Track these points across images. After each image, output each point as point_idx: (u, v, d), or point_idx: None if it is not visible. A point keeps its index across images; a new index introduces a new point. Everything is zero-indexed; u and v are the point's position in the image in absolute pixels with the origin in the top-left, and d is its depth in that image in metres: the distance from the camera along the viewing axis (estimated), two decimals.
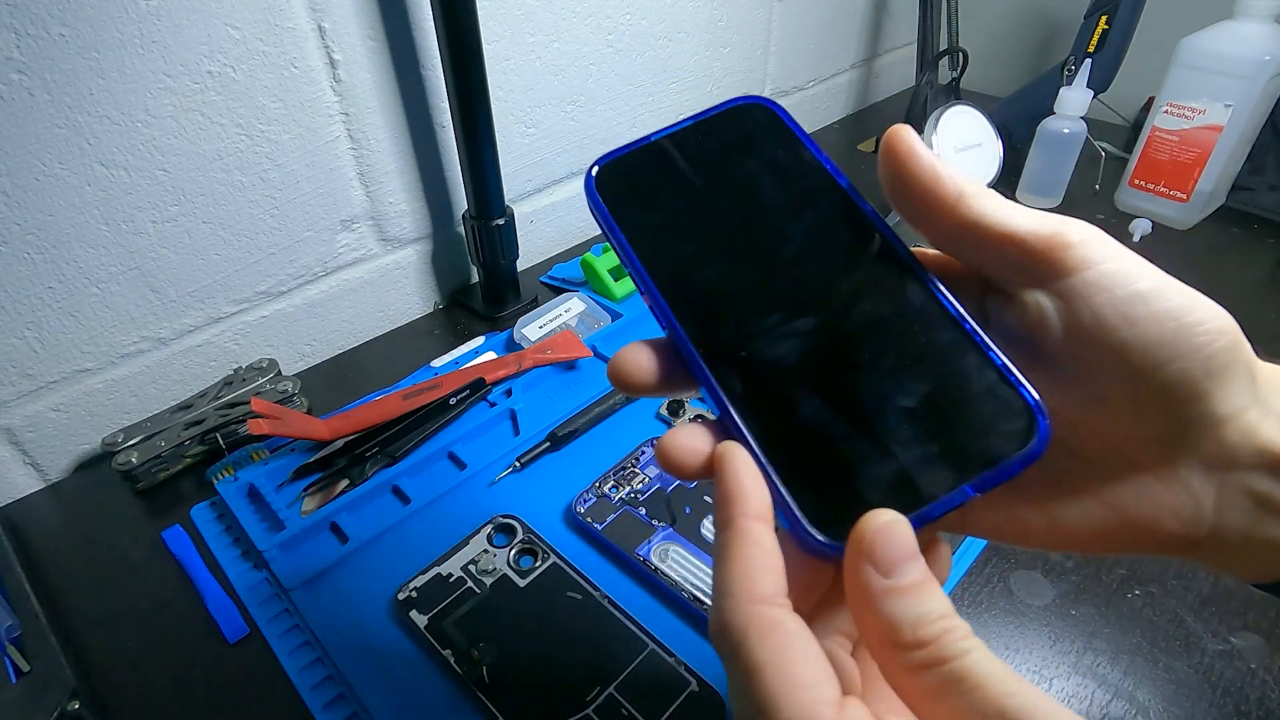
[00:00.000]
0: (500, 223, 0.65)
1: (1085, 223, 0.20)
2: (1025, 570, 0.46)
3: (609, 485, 0.50)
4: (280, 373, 0.60)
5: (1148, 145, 0.77)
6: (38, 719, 0.37)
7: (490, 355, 0.63)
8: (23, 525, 0.52)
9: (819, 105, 1.06)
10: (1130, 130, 0.94)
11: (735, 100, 0.25)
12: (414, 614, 0.43)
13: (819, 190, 0.23)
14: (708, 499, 0.48)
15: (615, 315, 0.67)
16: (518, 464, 0.53)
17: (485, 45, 0.56)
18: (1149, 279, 0.19)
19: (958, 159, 0.80)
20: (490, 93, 0.58)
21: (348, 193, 0.62)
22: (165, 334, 0.57)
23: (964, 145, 0.80)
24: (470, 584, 0.44)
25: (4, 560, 0.47)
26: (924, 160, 0.21)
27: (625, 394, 0.36)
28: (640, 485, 0.50)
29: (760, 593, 0.18)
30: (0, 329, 0.50)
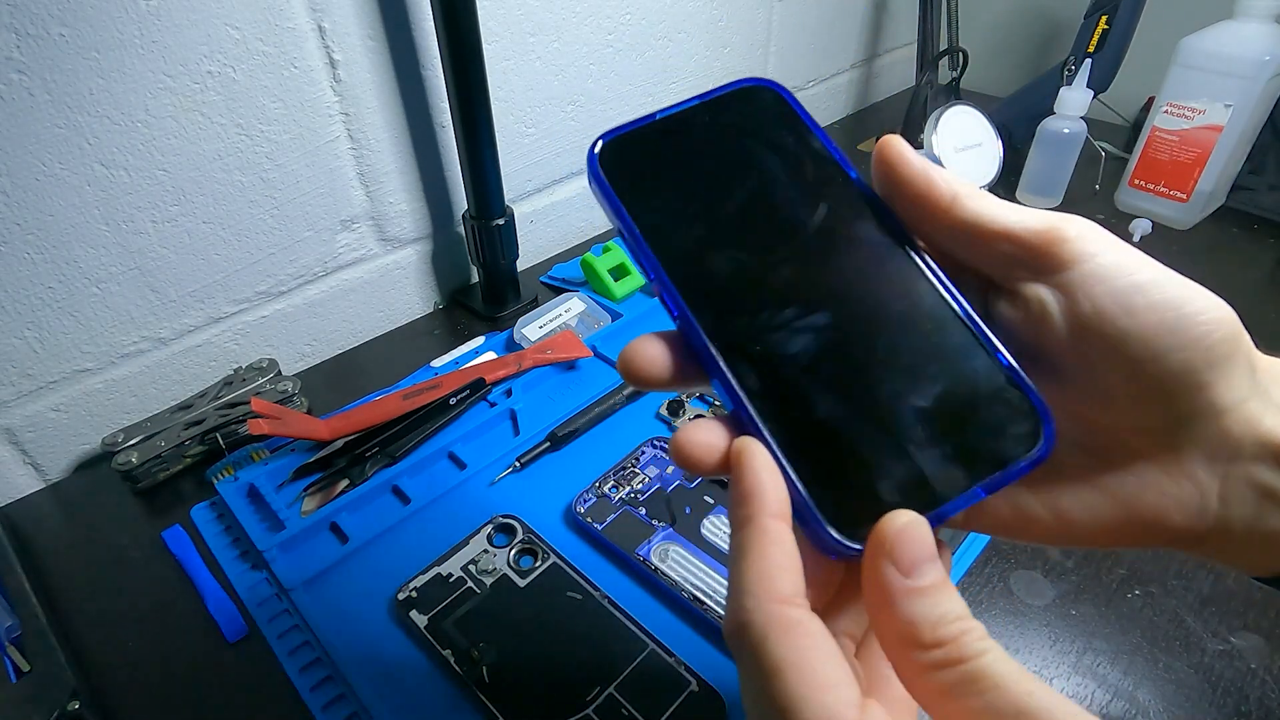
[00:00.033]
0: (500, 223, 0.65)
1: (1080, 217, 0.20)
2: (1025, 570, 0.46)
3: (609, 485, 0.50)
4: (280, 373, 0.60)
5: (1148, 145, 0.77)
6: (38, 719, 0.37)
7: (490, 355, 0.63)
8: (23, 525, 0.52)
9: (819, 105, 1.06)
10: (1130, 130, 0.94)
11: (742, 81, 0.24)
12: (414, 614, 0.43)
13: (829, 179, 0.23)
14: (708, 499, 0.48)
15: (615, 315, 0.67)
16: (518, 464, 0.53)
17: (485, 45, 0.56)
18: (1147, 270, 0.20)
19: (958, 159, 0.80)
20: (490, 93, 0.58)
21: (348, 193, 0.62)
22: (165, 334, 0.57)
23: (964, 145, 0.80)
24: (470, 584, 0.44)
25: (4, 560, 0.47)
26: (915, 165, 0.21)
27: (636, 388, 0.36)
28: (640, 485, 0.50)
29: (781, 592, 0.18)
30: (0, 329, 0.50)
